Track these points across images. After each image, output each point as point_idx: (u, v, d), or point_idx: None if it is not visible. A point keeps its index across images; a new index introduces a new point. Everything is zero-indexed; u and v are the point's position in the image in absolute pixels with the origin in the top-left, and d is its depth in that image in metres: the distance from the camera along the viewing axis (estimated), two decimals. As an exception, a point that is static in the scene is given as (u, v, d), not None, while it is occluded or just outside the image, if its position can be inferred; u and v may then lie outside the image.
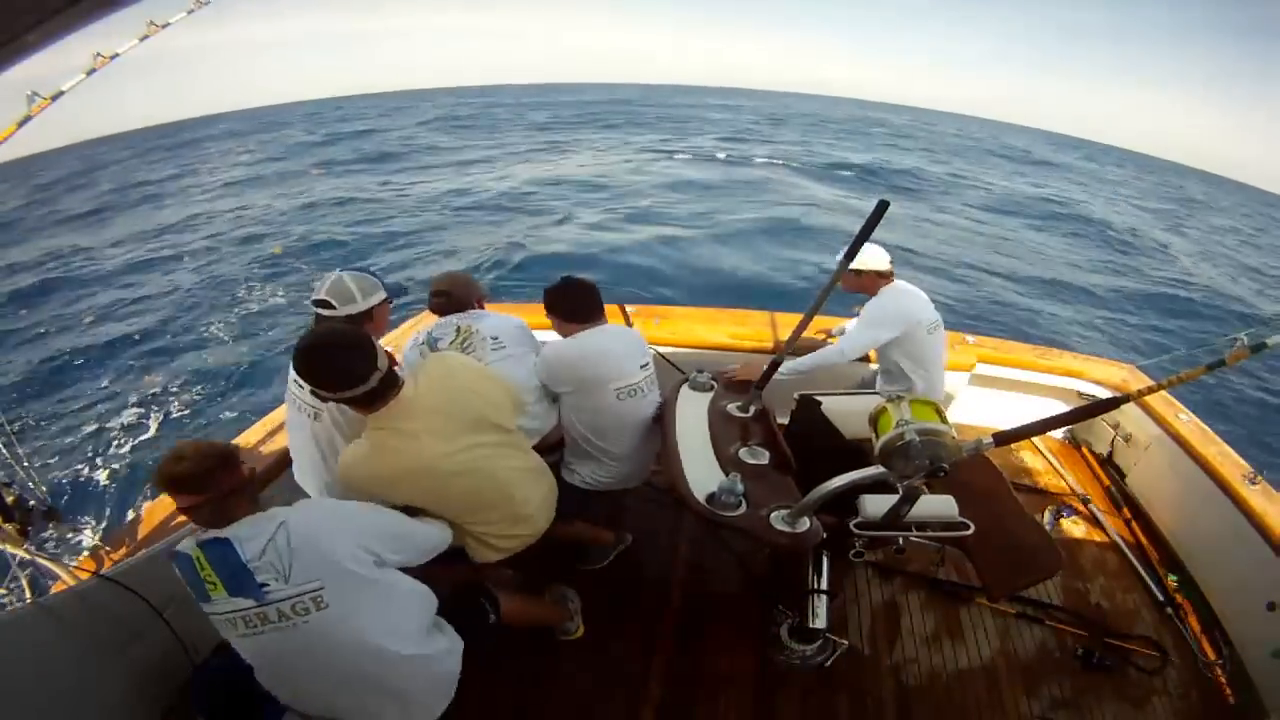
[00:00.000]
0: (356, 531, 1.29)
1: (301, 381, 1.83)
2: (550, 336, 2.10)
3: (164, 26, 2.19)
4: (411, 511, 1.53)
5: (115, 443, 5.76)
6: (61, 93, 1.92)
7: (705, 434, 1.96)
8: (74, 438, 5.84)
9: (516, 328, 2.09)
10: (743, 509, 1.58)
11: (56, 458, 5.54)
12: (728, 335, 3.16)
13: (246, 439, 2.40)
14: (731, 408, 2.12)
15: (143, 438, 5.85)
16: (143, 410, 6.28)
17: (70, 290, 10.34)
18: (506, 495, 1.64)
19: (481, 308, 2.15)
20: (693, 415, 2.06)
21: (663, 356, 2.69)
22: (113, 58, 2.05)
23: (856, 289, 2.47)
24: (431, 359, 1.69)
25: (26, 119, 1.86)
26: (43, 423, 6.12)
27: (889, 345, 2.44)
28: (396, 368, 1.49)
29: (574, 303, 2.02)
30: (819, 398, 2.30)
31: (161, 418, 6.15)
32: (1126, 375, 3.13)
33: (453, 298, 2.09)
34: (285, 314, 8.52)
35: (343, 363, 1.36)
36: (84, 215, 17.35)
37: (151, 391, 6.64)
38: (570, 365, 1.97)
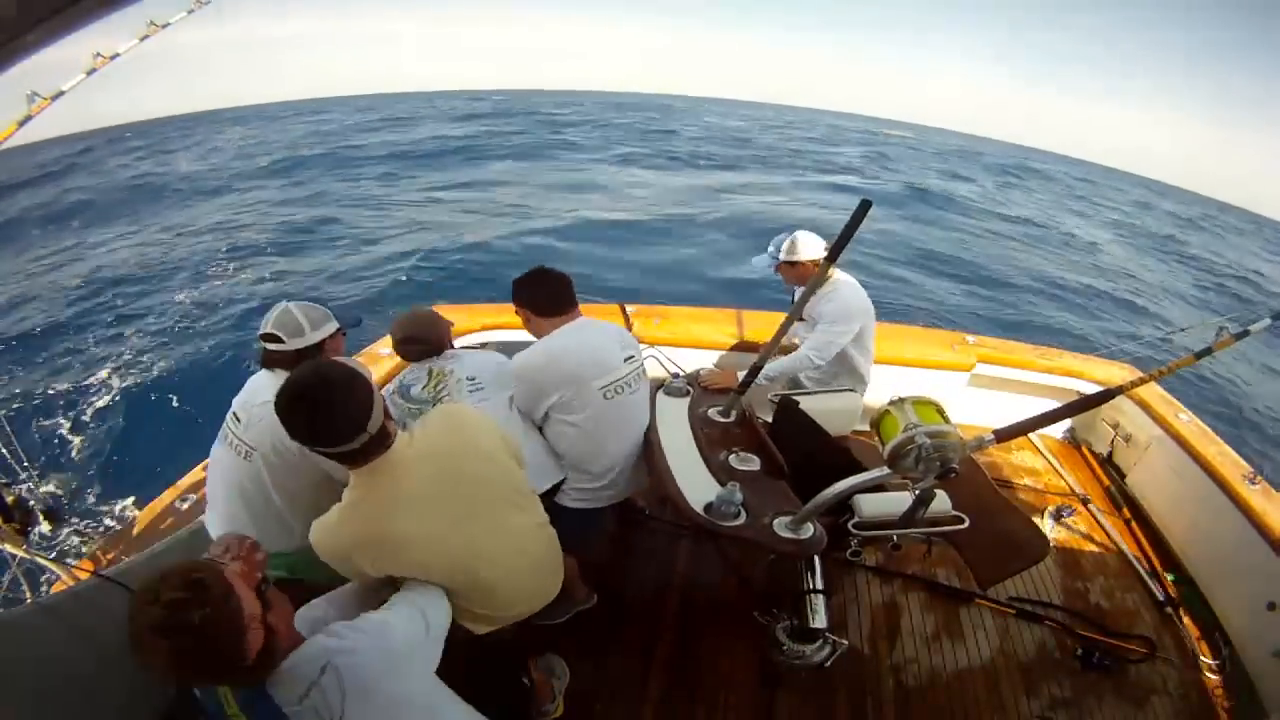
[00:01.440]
0: (424, 662, 1.11)
1: (240, 414, 1.60)
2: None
3: (164, 26, 2.19)
4: (391, 581, 1.29)
5: (118, 443, 5.76)
6: (61, 93, 1.92)
7: (690, 441, 1.96)
8: (76, 438, 5.84)
9: (496, 366, 1.90)
10: (742, 518, 1.58)
11: (57, 458, 5.53)
12: (727, 335, 3.15)
13: (192, 478, 2.13)
14: (713, 412, 2.12)
15: (145, 438, 5.85)
16: (147, 411, 6.27)
17: (78, 290, 10.31)
18: (495, 587, 1.39)
19: (453, 347, 1.96)
20: (674, 421, 2.05)
21: (663, 356, 2.69)
22: (113, 57, 2.05)
23: (797, 281, 2.42)
24: (435, 412, 1.43)
25: (27, 119, 1.86)
26: (44, 423, 6.11)
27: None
28: (389, 423, 1.24)
29: (549, 294, 1.84)
30: (795, 398, 2.28)
31: (166, 419, 6.14)
32: (1127, 374, 3.13)
33: (430, 344, 1.88)
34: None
35: (325, 416, 1.12)
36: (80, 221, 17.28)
37: (157, 393, 6.63)
38: (548, 366, 1.77)
